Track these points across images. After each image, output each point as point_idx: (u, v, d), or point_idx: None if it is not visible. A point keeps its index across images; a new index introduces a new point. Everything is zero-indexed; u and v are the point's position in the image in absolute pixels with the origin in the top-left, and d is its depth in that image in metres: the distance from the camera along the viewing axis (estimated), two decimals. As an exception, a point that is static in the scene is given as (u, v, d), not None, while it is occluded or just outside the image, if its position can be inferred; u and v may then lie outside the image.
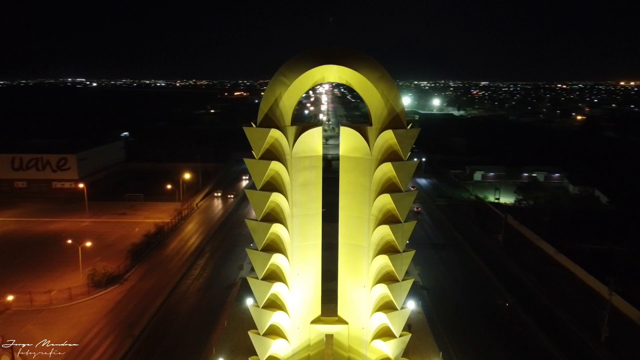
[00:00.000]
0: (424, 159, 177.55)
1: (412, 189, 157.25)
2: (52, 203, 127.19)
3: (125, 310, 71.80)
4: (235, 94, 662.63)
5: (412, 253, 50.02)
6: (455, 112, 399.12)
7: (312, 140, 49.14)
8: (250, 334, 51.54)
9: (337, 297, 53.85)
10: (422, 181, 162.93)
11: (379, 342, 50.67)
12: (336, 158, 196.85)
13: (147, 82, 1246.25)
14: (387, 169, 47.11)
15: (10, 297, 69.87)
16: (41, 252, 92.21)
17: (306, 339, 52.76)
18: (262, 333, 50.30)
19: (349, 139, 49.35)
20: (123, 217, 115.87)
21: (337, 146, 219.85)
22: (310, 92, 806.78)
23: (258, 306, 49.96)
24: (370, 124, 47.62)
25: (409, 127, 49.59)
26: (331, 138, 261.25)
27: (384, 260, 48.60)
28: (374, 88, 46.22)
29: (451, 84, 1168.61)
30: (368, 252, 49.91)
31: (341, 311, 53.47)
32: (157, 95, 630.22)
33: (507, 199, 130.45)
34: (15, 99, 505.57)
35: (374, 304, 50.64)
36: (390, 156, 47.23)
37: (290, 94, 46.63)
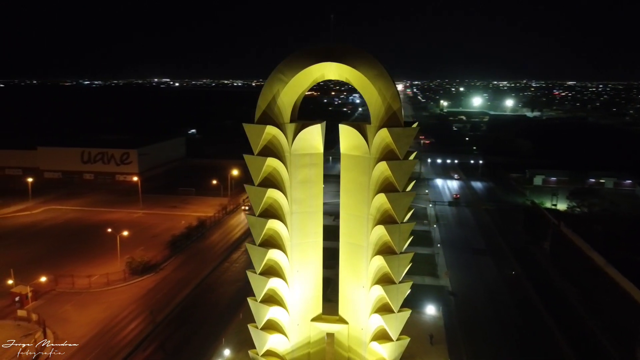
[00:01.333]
0: (480, 162, 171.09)
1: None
2: (113, 194, 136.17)
3: (155, 298, 75.53)
4: (306, 93, 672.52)
5: (410, 255, 48.68)
6: (529, 113, 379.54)
7: (312, 138, 49.11)
8: (250, 327, 52.49)
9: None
10: (477, 184, 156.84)
11: (375, 345, 49.79)
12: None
13: (226, 82, 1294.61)
14: (384, 167, 46.21)
15: (43, 278, 75.41)
16: (92, 240, 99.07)
17: (306, 336, 52.81)
18: (260, 327, 51.10)
19: (348, 137, 48.90)
20: (173, 210, 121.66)
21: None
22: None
23: (256, 300, 50.83)
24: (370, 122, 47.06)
25: (414, 126, 48.68)
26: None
27: (381, 261, 47.70)
28: (371, 86, 45.56)
29: (533, 84, 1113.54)
30: (367, 251, 49.20)
31: (342, 310, 53.07)
32: (231, 95, 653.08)
33: (565, 206, 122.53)
34: (105, 98, 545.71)
35: (372, 305, 49.84)
36: (387, 155, 46.29)
37: (288, 91, 46.94)
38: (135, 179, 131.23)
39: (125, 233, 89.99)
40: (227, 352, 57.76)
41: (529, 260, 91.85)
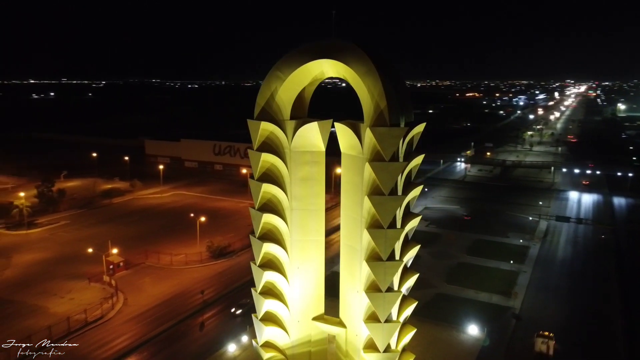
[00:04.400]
0: (630, 174, 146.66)
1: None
2: (232, 185, 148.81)
3: (219, 280, 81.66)
4: (468, 94, 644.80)
5: (399, 264, 45.35)
6: None
7: (312, 135, 48.62)
8: (253, 316, 54.15)
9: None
10: (620, 200, 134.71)
11: (363, 353, 47.57)
12: (520, 165, 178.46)
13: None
14: (371, 169, 43.91)
15: (114, 251, 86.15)
16: (195, 223, 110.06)
17: (306, 335, 52.60)
18: (259, 318, 52.49)
19: (344, 136, 47.39)
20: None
21: (539, 153, 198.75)
22: (556, 94, 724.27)
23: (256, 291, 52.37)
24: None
25: (421, 126, 45.58)
26: (540, 144, 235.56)
27: (369, 266, 45.45)
28: (362, 83, 43.67)
29: None
30: (360, 255, 47.24)
31: (341, 313, 51.67)
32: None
33: None
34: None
35: (364, 311, 47.70)
36: (376, 156, 43.88)
37: (286, 89, 47.23)
38: (244, 171, 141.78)
39: (203, 219, 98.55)
40: (244, 338, 60.30)
41: (638, 295, 76.88)
